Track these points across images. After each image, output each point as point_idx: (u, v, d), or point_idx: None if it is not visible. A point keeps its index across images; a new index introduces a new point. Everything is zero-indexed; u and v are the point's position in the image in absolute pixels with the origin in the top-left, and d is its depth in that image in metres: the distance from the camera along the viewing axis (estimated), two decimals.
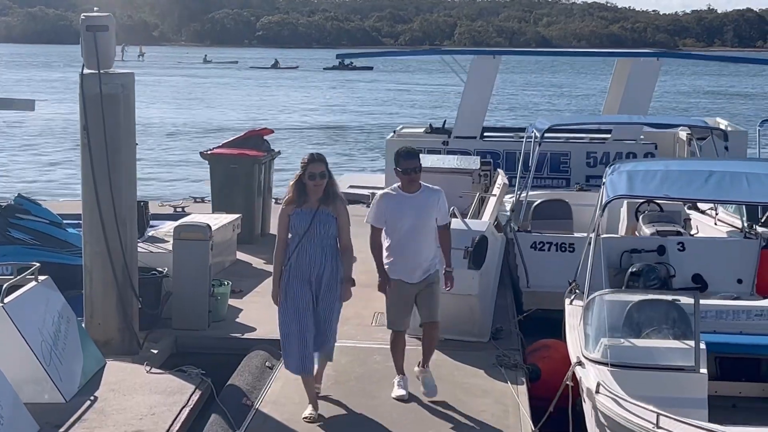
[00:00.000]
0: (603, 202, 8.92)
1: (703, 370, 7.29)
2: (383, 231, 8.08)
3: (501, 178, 12.83)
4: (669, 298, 8.13)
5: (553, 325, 9.60)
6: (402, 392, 8.17)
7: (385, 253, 8.11)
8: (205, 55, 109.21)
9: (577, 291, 9.16)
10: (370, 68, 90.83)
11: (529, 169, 13.06)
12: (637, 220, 12.64)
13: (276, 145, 16.42)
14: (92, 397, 7.87)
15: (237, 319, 10.35)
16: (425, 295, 8.17)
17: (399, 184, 8.04)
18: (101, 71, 8.78)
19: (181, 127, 42.05)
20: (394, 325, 8.26)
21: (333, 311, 7.70)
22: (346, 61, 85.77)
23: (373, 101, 58.93)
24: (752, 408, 7.86)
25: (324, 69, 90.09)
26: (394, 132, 19.51)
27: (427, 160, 12.94)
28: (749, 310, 8.73)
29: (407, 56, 65.67)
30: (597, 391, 7.05)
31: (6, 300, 7.63)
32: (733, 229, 12.17)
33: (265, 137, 15.37)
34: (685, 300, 7.87)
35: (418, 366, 8.36)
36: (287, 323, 7.62)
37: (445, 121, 19.17)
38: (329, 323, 7.69)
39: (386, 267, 8.08)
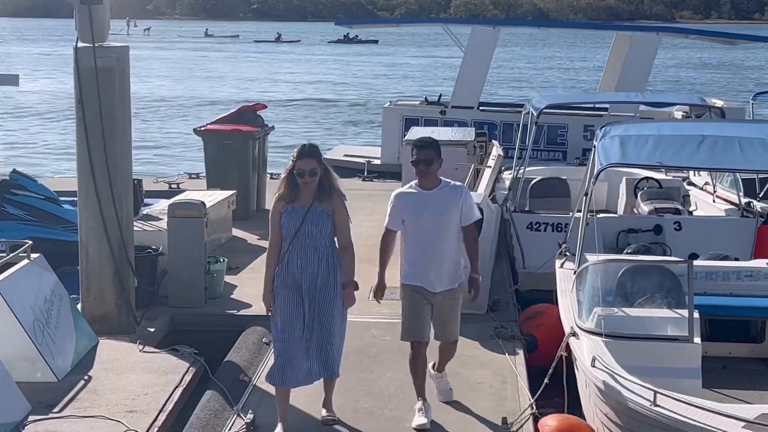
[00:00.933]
0: (596, 169, 8.81)
1: (697, 340, 7.24)
2: (402, 234, 7.22)
3: (496, 150, 12.75)
4: (662, 264, 8.09)
5: (543, 301, 9.67)
6: (423, 420, 7.11)
7: (404, 258, 7.22)
8: (206, 29, 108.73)
9: (567, 254, 9.16)
10: (376, 41, 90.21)
11: (525, 145, 12.95)
12: (636, 196, 12.55)
13: (275, 120, 16.32)
14: (85, 377, 7.79)
15: (233, 296, 10.29)
16: (445, 309, 7.21)
17: (417, 180, 7.19)
18: (96, 44, 8.68)
19: (179, 102, 41.88)
20: (413, 335, 7.19)
21: (333, 322, 6.84)
22: (351, 35, 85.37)
23: (373, 75, 58.71)
24: (742, 369, 7.88)
25: (328, 42, 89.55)
26: (391, 102, 19.48)
27: (421, 132, 12.89)
28: (739, 270, 8.74)
29: (407, 23, 65.82)
30: (593, 365, 6.98)
31: None
32: (731, 206, 12.07)
33: (259, 112, 15.25)
34: (679, 266, 7.82)
35: (433, 369, 7.60)
36: (275, 334, 6.89)
37: (440, 95, 19.11)
38: (329, 335, 6.84)
39: (405, 272, 7.19)
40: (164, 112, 38.21)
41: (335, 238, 6.83)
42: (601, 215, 11.26)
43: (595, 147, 9.12)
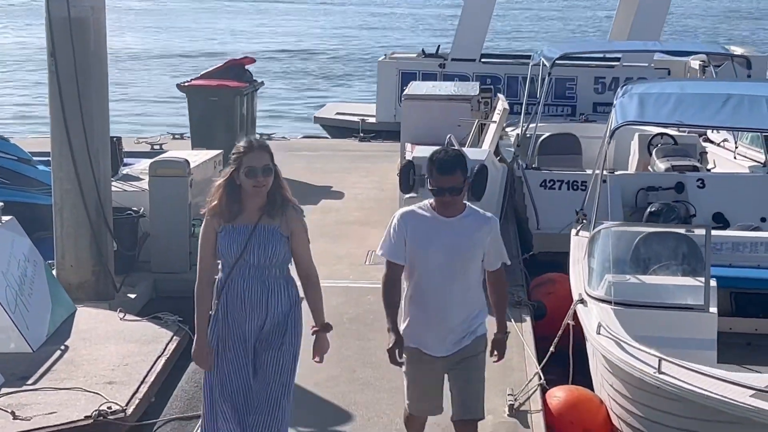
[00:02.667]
0: (611, 128, 8.82)
1: (713, 310, 7.25)
2: (405, 272, 5.61)
3: (501, 104, 12.67)
4: (680, 230, 8.07)
5: (558, 265, 9.61)
6: None
7: (404, 307, 5.63)
8: None
9: (584, 221, 9.15)
10: None
11: (534, 99, 12.88)
12: (650, 154, 12.52)
13: (265, 75, 16.25)
14: (62, 347, 7.78)
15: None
16: (461, 376, 5.64)
17: (432, 200, 5.57)
18: None
19: (161, 56, 41.70)
20: (415, 410, 5.80)
21: (280, 375, 5.30)
22: None
23: (366, 25, 58.32)
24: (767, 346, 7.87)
25: None
26: (386, 56, 19.37)
27: (422, 87, 12.85)
28: (766, 241, 8.67)
29: None
30: (597, 332, 7.00)
31: None
32: (755, 163, 12.06)
33: (247, 66, 15.15)
34: (697, 232, 7.80)
35: None
36: (209, 395, 5.38)
37: (438, 46, 18.97)
38: (274, 395, 5.30)
39: (404, 328, 5.57)
40: (145, 66, 38.04)
41: (289, 266, 5.37)
42: (619, 172, 11.24)
43: (614, 106, 9.13)
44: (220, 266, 5.32)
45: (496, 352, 5.73)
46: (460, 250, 5.48)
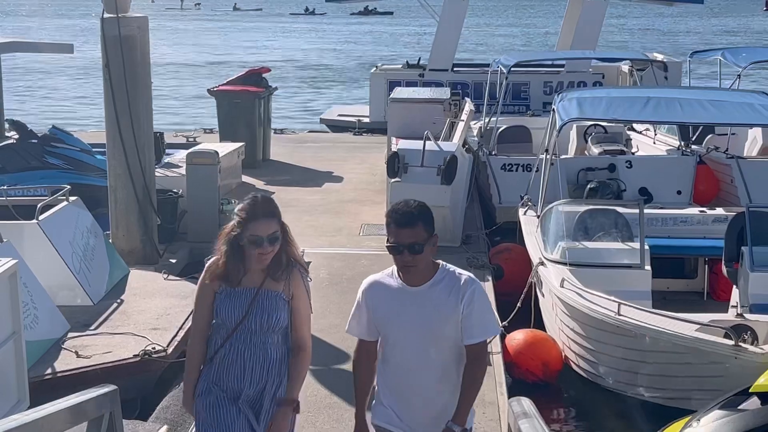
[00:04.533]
0: (558, 125, 8.88)
1: (648, 267, 7.32)
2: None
3: (468, 106, 12.70)
4: (615, 207, 8.16)
5: (514, 234, 9.62)
6: None
7: (377, 382, 3.99)
8: (235, 3, 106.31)
9: (529, 203, 9.19)
10: (391, 13, 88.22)
11: (493, 99, 12.92)
12: (586, 141, 12.58)
13: (279, 82, 16.21)
14: (117, 301, 7.78)
15: None
16: None
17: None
18: (119, 15, 8.59)
19: (196, 66, 41.38)
20: None
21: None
22: (370, 7, 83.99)
23: (380, 41, 57.63)
24: (679, 300, 7.96)
25: (350, 14, 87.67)
26: (377, 67, 19.30)
27: (405, 92, 12.82)
28: (675, 217, 8.85)
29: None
30: (562, 286, 7.05)
31: (41, 217, 7.49)
32: (671, 147, 12.11)
33: (264, 75, 15.13)
34: (630, 208, 7.90)
35: None
36: None
37: (419, 58, 18.95)
38: None
39: (374, 404, 3.97)
40: (182, 75, 37.80)
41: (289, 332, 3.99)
42: (563, 157, 11.30)
43: (554, 109, 9.18)
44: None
45: None
46: (428, 327, 3.75)
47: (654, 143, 12.59)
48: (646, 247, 7.42)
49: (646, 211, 8.43)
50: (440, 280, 3.81)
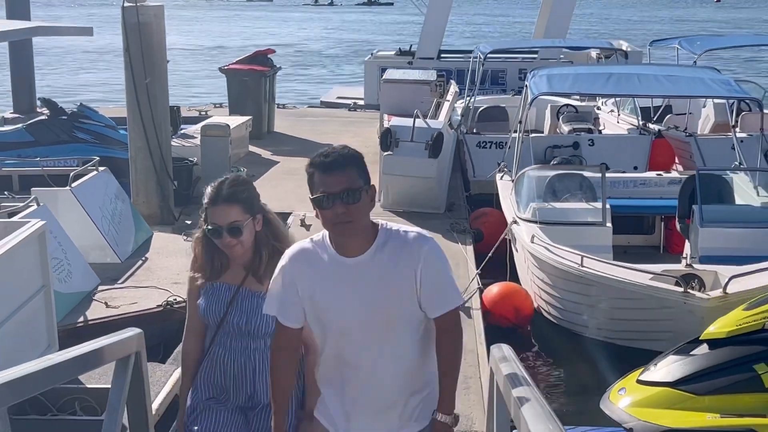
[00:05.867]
0: (529, 98, 8.96)
1: (609, 225, 7.43)
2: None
3: (453, 87, 12.72)
4: (580, 171, 8.27)
5: (488, 202, 9.73)
6: None
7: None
8: None
9: (505, 170, 9.28)
10: (391, 4, 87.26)
11: (474, 83, 12.95)
12: (558, 119, 12.61)
13: (279, 62, 16.16)
14: (142, 258, 7.84)
15: None
16: None
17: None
18: (138, 4, 8.59)
19: (207, 48, 41.08)
20: None
21: None
22: None
23: (376, 30, 57.18)
24: (638, 253, 8.10)
25: (355, 5, 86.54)
26: (371, 54, 19.24)
27: (395, 74, 12.81)
28: (635, 180, 8.98)
29: None
30: (532, 241, 7.16)
31: (73, 185, 7.55)
32: (632, 126, 12.18)
33: (269, 55, 15.11)
34: (593, 173, 8.00)
35: None
36: None
37: (411, 45, 18.89)
38: None
39: (317, 405, 2.94)
40: (196, 56, 37.56)
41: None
42: (533, 135, 11.35)
43: (526, 84, 9.23)
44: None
45: None
46: (377, 307, 2.70)
47: (618, 122, 12.64)
48: (608, 206, 7.55)
49: (609, 175, 8.57)
50: (383, 244, 2.68)
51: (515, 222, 7.79)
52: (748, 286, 5.98)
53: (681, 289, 6.13)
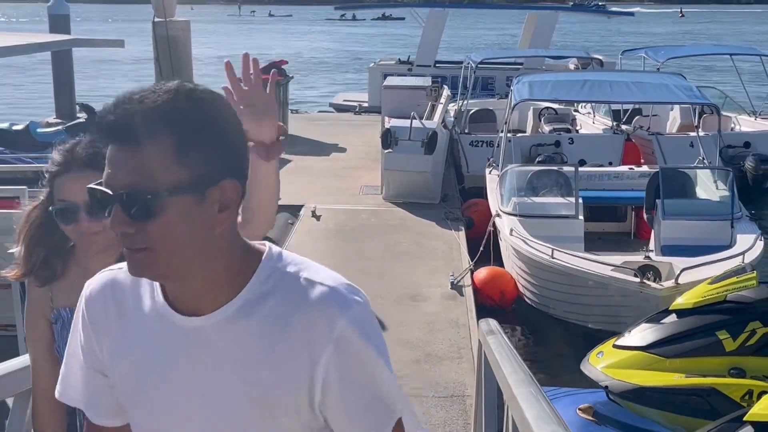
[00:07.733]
0: (512, 104, 9.04)
1: (581, 217, 7.45)
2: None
3: (446, 92, 12.73)
4: (557, 168, 8.30)
5: (479, 193, 9.72)
6: None
7: None
8: (270, 11, 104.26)
9: (493, 165, 9.29)
10: (403, 18, 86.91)
11: (467, 88, 13.01)
12: (540, 120, 12.65)
13: (292, 72, 16.18)
14: None
15: None
16: None
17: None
18: (167, 19, 8.60)
19: (228, 59, 40.89)
20: None
21: None
22: (387, 13, 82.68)
23: (387, 43, 56.84)
24: (611, 240, 8.13)
25: (372, 20, 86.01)
26: (374, 63, 19.27)
27: (394, 81, 12.81)
28: (609, 173, 9.00)
29: (382, 7, 63.69)
30: (510, 234, 7.18)
31: None
32: (606, 126, 12.21)
33: (283, 66, 15.09)
34: (568, 169, 8.04)
35: None
36: None
37: (409, 56, 18.98)
38: None
39: None
40: (218, 66, 37.44)
41: None
42: (518, 135, 11.36)
43: (511, 90, 9.29)
44: None
45: None
46: (226, 414, 1.19)
47: (593, 123, 12.68)
48: (580, 201, 7.56)
49: (587, 169, 8.57)
50: (260, 298, 1.22)
51: (498, 215, 7.82)
52: (697, 277, 6.00)
53: (638, 280, 6.17)
